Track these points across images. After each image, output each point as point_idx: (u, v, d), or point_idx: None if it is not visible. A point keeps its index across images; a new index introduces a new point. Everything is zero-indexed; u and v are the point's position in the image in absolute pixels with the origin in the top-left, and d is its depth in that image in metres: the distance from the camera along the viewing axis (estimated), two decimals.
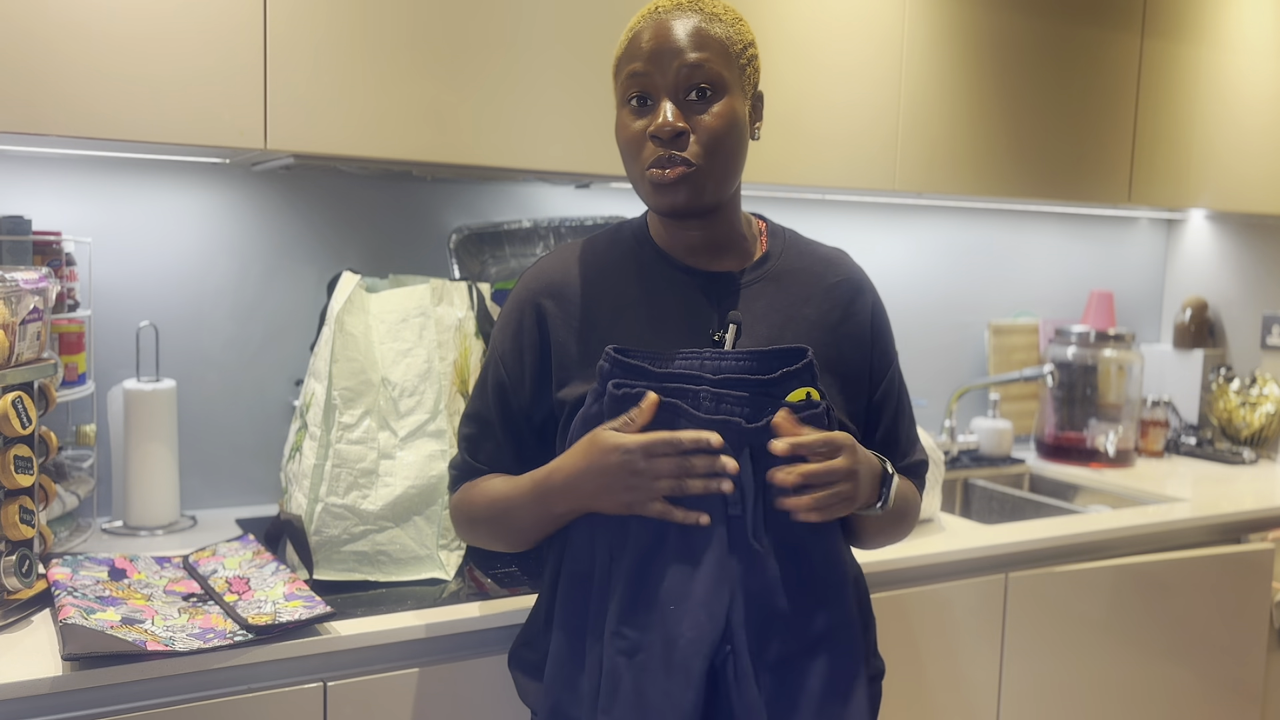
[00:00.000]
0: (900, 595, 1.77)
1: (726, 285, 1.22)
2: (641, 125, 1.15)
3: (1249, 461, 2.72)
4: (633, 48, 1.16)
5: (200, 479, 1.90)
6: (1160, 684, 2.08)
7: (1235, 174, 2.61)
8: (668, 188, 1.14)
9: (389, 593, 1.50)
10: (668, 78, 1.13)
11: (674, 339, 1.18)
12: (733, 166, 1.18)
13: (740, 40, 1.18)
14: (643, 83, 1.15)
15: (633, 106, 1.16)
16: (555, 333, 1.21)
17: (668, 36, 1.14)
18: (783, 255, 1.26)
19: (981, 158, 2.22)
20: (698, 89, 1.14)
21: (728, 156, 1.16)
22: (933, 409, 2.69)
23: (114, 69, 1.44)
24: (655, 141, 1.13)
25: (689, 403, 1.10)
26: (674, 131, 1.12)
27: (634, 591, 1.11)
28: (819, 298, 1.23)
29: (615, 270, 1.23)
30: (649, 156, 1.14)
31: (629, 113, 1.17)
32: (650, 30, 1.15)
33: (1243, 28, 2.57)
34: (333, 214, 1.97)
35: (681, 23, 1.14)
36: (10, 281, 1.39)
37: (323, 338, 1.59)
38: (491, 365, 1.26)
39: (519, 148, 1.72)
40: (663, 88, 1.14)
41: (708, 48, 1.14)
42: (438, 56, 1.64)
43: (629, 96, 1.16)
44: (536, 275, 1.25)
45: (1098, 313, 2.90)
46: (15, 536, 1.35)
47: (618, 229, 1.29)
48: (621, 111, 1.18)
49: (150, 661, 1.22)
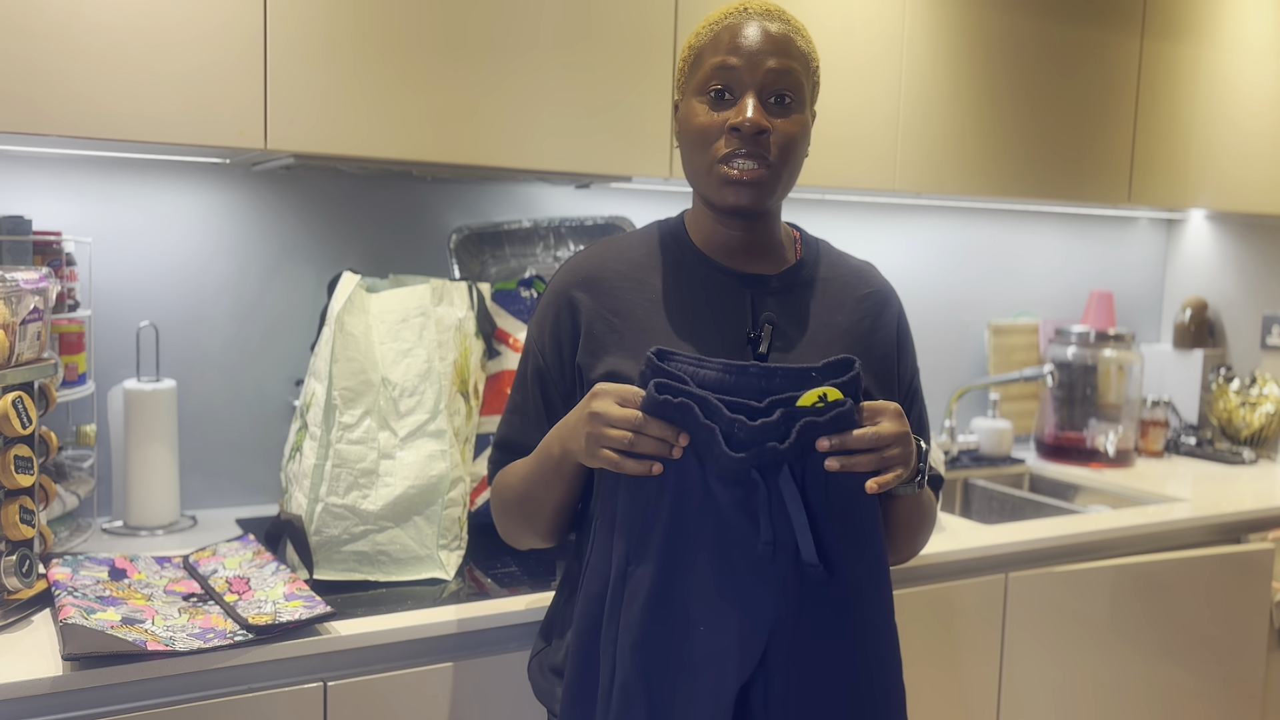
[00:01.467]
0: (900, 595, 1.76)
1: (762, 287, 1.22)
2: (719, 118, 1.15)
3: (1249, 461, 2.72)
4: (721, 40, 1.16)
5: (200, 479, 1.90)
6: (1160, 684, 2.08)
7: (1235, 174, 2.61)
8: (740, 186, 1.15)
9: (389, 593, 1.50)
10: (755, 76, 1.14)
11: (708, 335, 1.18)
12: (796, 176, 1.20)
13: (815, 59, 1.21)
14: (728, 76, 1.15)
15: (710, 98, 1.16)
16: (589, 322, 1.21)
17: (760, 38, 1.15)
18: (817, 263, 1.27)
19: (981, 158, 2.22)
20: (779, 94, 1.15)
21: (796, 165, 1.19)
22: (933, 409, 2.69)
23: (114, 69, 1.44)
24: (734, 134, 1.14)
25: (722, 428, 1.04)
26: (758, 128, 1.13)
27: (655, 605, 1.06)
28: (850, 306, 1.24)
29: (651, 265, 1.24)
30: (722, 149, 1.15)
31: (705, 103, 1.16)
32: (742, 27, 1.15)
33: (1243, 28, 2.57)
34: (333, 214, 1.97)
35: (773, 27, 1.16)
36: (10, 281, 1.39)
37: (323, 338, 1.59)
38: (530, 357, 1.27)
39: (519, 148, 1.72)
40: (749, 85, 1.14)
41: (794, 57, 1.16)
42: (438, 57, 1.64)
43: (709, 87, 1.16)
44: (571, 268, 1.26)
45: (1098, 313, 2.90)
46: (15, 536, 1.35)
47: (654, 227, 1.29)
48: (694, 101, 1.18)
49: (150, 661, 1.22)
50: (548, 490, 1.19)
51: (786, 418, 1.04)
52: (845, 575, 1.07)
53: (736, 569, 1.05)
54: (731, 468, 1.03)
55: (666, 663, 1.06)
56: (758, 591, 1.05)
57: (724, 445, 1.03)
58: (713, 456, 1.04)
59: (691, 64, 1.20)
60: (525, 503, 1.23)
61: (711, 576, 1.05)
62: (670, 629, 1.06)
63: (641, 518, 1.07)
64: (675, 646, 1.06)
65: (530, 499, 1.22)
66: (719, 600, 1.05)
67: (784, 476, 1.04)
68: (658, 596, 1.06)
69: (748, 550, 1.05)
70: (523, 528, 1.26)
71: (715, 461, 1.04)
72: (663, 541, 1.06)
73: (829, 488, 1.06)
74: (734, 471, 1.04)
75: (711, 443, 1.04)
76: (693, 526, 1.06)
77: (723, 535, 1.05)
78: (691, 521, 1.06)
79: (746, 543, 1.05)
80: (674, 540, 1.06)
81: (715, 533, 1.05)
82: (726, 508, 1.05)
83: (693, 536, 1.06)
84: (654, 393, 1.05)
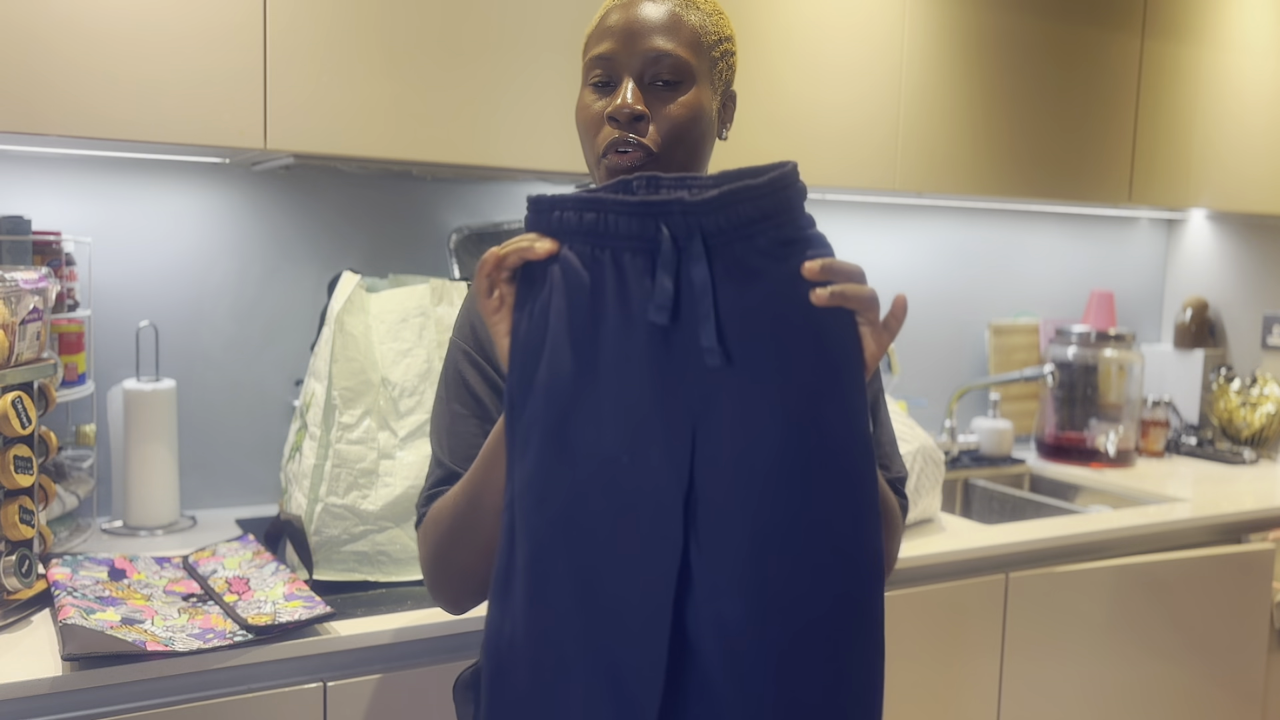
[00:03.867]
0: (900, 595, 1.77)
1: None
2: (600, 106, 1.09)
3: (1249, 461, 2.72)
4: (601, 27, 1.10)
5: (200, 479, 1.90)
6: (1160, 684, 2.08)
7: (1235, 174, 2.61)
8: (622, 174, 1.05)
9: (389, 593, 1.50)
10: (633, 61, 1.07)
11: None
12: (694, 162, 1.11)
13: (715, 32, 1.12)
14: (607, 65, 1.08)
15: (594, 87, 1.10)
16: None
17: (638, 19, 1.08)
18: None
19: (981, 158, 2.22)
20: (661, 77, 1.07)
21: (690, 150, 1.09)
22: (933, 409, 2.69)
23: (115, 69, 1.44)
24: (612, 123, 1.07)
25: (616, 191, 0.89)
26: (632, 114, 1.05)
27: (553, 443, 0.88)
28: None
29: None
30: (605, 139, 1.07)
31: (590, 93, 1.10)
32: (621, 11, 1.09)
33: (1243, 28, 2.57)
34: (333, 214, 1.97)
35: (655, 5, 1.09)
36: (10, 281, 1.38)
37: (323, 338, 1.59)
38: (461, 359, 1.17)
39: (519, 148, 1.72)
40: (626, 70, 1.07)
41: (678, 34, 1.08)
42: (438, 56, 1.64)
43: (592, 77, 1.10)
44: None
45: (1098, 313, 2.90)
46: (15, 536, 1.35)
47: None
48: (583, 91, 1.12)
49: (150, 661, 1.22)
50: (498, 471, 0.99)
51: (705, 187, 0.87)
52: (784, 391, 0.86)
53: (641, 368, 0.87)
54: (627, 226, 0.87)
55: (584, 512, 0.88)
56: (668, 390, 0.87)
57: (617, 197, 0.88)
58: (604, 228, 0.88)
59: (584, 54, 1.14)
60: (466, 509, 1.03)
61: (612, 390, 0.88)
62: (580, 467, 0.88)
63: (523, 352, 0.91)
64: (592, 483, 0.88)
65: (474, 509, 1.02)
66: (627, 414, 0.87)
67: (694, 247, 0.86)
68: (555, 431, 0.89)
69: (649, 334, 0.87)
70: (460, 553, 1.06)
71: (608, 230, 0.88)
72: (549, 367, 0.89)
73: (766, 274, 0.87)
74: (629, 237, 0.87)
75: (602, 210, 0.88)
76: (585, 339, 0.89)
77: (623, 333, 0.88)
78: (583, 334, 0.89)
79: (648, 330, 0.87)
80: (561, 361, 0.89)
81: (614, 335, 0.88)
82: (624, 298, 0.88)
83: (584, 352, 0.89)
84: (530, 208, 0.92)
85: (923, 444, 1.93)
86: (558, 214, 0.90)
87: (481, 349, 1.16)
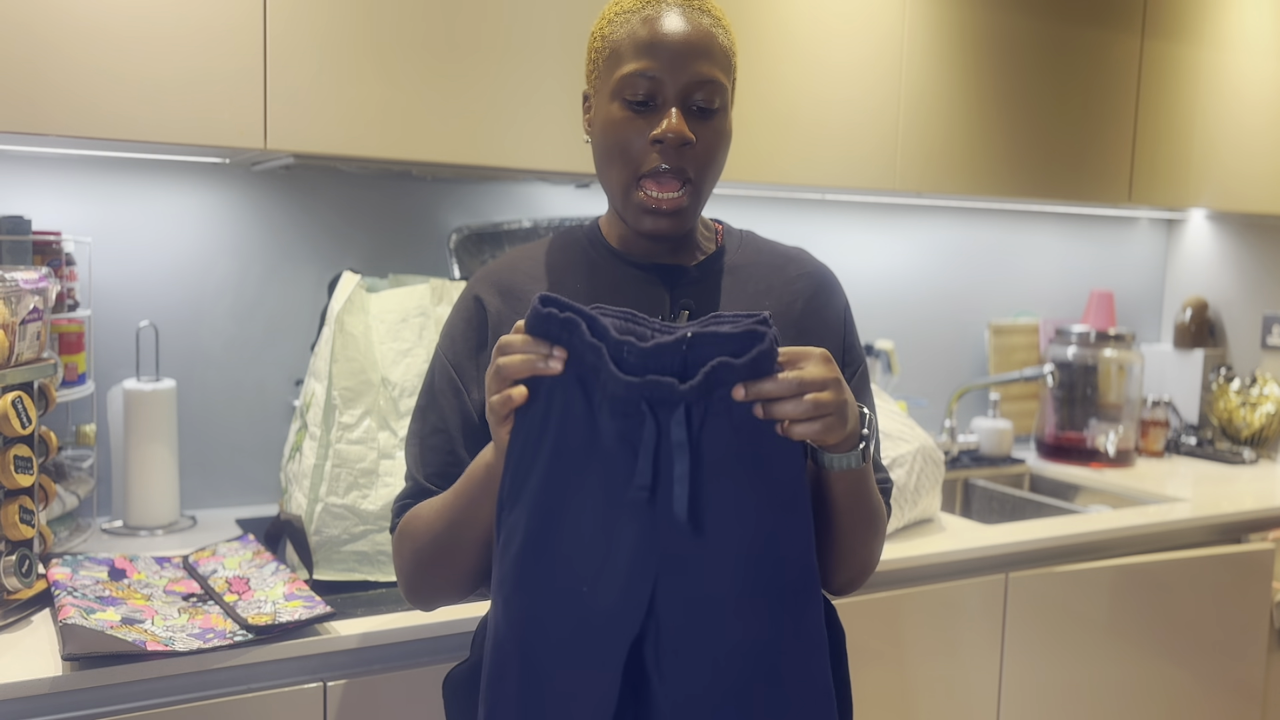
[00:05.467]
0: (900, 595, 1.77)
1: (680, 277, 1.14)
2: (640, 125, 1.06)
3: (1249, 461, 2.72)
4: (640, 38, 1.05)
5: (200, 479, 1.90)
6: (1160, 684, 2.08)
7: (1235, 174, 2.61)
8: (660, 215, 1.07)
9: (389, 593, 1.50)
10: (678, 84, 1.05)
11: None
12: (715, 184, 1.12)
13: (735, 51, 1.11)
14: (650, 84, 1.05)
15: (629, 104, 1.06)
16: (496, 325, 1.13)
17: (682, 38, 1.05)
18: (739, 250, 1.19)
19: (981, 158, 2.22)
20: (703, 103, 1.06)
21: (716, 174, 1.11)
22: (933, 409, 2.69)
23: (115, 69, 1.44)
24: (656, 147, 1.05)
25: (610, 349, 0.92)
26: (682, 140, 1.04)
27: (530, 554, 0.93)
28: (779, 290, 1.16)
29: (564, 267, 1.16)
30: (645, 161, 1.06)
31: (622, 108, 1.06)
32: (655, 25, 1.05)
33: (1243, 28, 2.57)
34: (333, 214, 1.97)
35: (691, 23, 1.06)
36: (10, 281, 1.39)
37: (323, 338, 1.59)
38: (439, 371, 1.15)
39: (519, 148, 1.72)
40: (672, 94, 1.05)
41: (717, 59, 1.06)
42: (438, 56, 1.64)
43: (630, 95, 1.06)
44: (481, 274, 1.19)
45: (1098, 313, 2.90)
46: (15, 536, 1.35)
47: (569, 232, 1.21)
48: (612, 105, 1.07)
49: (150, 661, 1.22)
50: (477, 510, 1.02)
51: (689, 345, 0.91)
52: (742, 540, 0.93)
53: (619, 512, 0.92)
54: (619, 393, 0.91)
55: (543, 619, 0.93)
56: (640, 538, 0.91)
57: (612, 367, 0.91)
58: (599, 383, 0.91)
59: (607, 59, 1.08)
60: (445, 537, 1.05)
61: (590, 521, 0.92)
62: (548, 582, 0.93)
63: (518, 458, 0.94)
64: (554, 601, 0.93)
65: (455, 526, 1.04)
66: (600, 548, 0.92)
67: (676, 418, 0.91)
68: (532, 544, 0.93)
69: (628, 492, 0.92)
70: (438, 572, 1.08)
71: (602, 388, 0.91)
72: (540, 483, 0.93)
73: (737, 435, 0.92)
74: (621, 399, 0.91)
75: (599, 366, 0.91)
76: (573, 467, 0.92)
77: (607, 475, 0.92)
78: (573, 462, 0.92)
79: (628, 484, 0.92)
80: (551, 482, 0.93)
81: (599, 473, 0.92)
82: (611, 443, 0.92)
83: (571, 478, 0.93)
84: (538, 305, 0.92)
85: (922, 444, 1.93)
86: (565, 336, 0.93)
87: (460, 366, 1.14)
